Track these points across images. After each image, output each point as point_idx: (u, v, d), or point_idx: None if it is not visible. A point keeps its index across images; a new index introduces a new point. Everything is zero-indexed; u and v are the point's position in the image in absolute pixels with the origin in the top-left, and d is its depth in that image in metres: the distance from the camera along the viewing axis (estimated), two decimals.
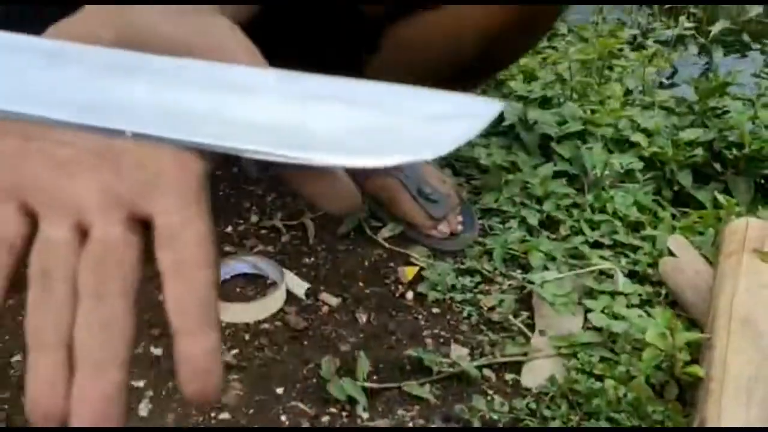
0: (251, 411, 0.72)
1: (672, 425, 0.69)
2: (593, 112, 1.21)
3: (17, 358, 0.77)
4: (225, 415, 0.71)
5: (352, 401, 0.72)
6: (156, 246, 0.26)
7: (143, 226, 0.26)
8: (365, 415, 0.72)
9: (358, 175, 0.86)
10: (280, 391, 0.74)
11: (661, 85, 1.57)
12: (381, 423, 0.71)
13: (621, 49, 1.52)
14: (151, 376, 0.75)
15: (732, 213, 0.96)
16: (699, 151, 1.11)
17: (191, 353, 0.25)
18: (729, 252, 0.83)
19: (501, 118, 1.18)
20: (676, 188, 1.11)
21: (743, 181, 1.09)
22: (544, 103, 1.24)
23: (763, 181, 1.10)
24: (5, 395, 0.73)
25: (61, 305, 0.25)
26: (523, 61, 1.35)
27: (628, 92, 1.36)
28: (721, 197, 1.01)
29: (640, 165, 1.11)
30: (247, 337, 0.81)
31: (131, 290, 0.26)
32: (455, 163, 1.15)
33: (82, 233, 0.26)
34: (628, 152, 1.15)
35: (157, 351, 0.78)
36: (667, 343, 0.73)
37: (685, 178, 1.11)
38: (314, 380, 0.76)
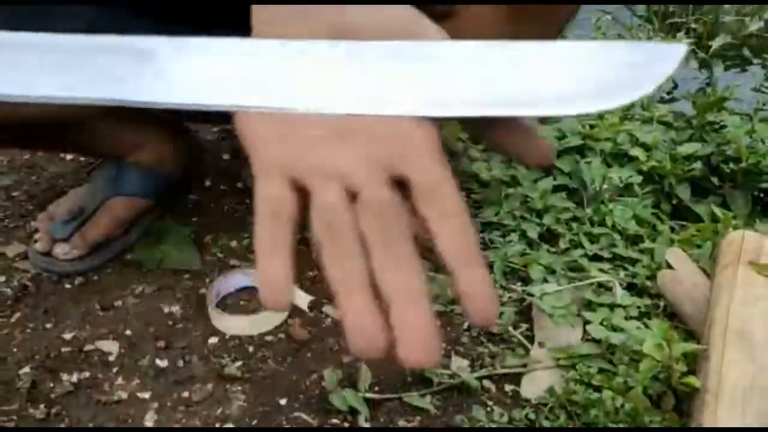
0: (255, 422, 0.73)
1: None
2: (592, 126, 1.23)
3: (25, 369, 0.78)
4: (229, 425, 0.72)
5: (354, 412, 0.73)
6: (419, 201, 0.31)
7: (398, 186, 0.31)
8: (367, 426, 0.73)
9: None
10: (283, 402, 0.76)
11: (661, 100, 1.59)
12: None
13: None
14: (157, 387, 0.77)
15: (729, 226, 0.97)
16: (697, 165, 1.13)
17: (471, 282, 0.29)
18: (725, 264, 0.84)
19: None
20: (674, 202, 1.12)
21: (741, 194, 1.10)
22: (544, 118, 1.26)
23: (760, 195, 1.11)
24: (14, 406, 0.74)
25: (355, 255, 0.30)
26: None
27: (627, 107, 1.38)
28: (718, 210, 1.02)
29: (638, 179, 1.12)
30: (251, 349, 0.82)
31: (409, 236, 0.30)
32: (455, 177, 1.17)
33: (351, 197, 0.31)
34: (627, 166, 1.16)
35: (162, 363, 0.80)
36: (664, 354, 0.74)
37: (684, 192, 1.12)
38: (317, 391, 0.77)
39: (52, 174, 1.14)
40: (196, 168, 1.10)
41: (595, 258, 0.98)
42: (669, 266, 0.94)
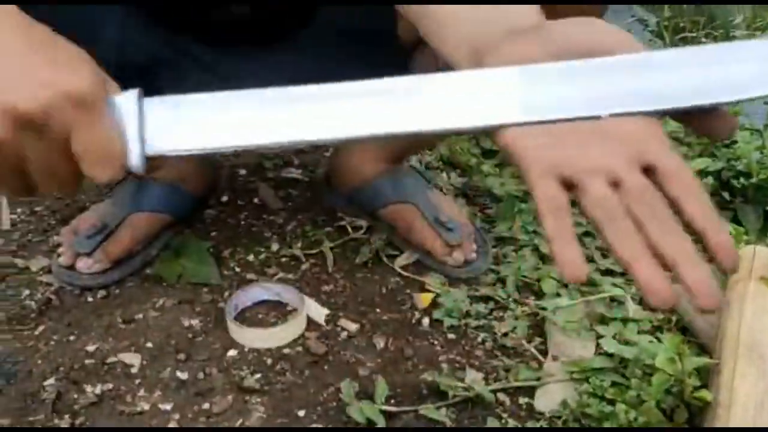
0: None
1: None
2: None
3: (50, 381, 0.80)
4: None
5: (370, 423, 0.75)
6: (666, 183, 0.39)
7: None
8: None
9: (376, 204, 0.90)
10: (301, 413, 0.77)
11: None
12: None
13: None
14: (178, 399, 0.79)
15: (741, 241, 0.98)
16: (708, 180, 1.14)
17: (719, 241, 0.38)
18: (737, 279, 0.85)
19: None
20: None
21: (752, 209, 1.11)
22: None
23: None
24: (39, 417, 0.76)
25: (633, 232, 0.38)
26: None
27: None
28: (729, 226, 1.03)
29: None
30: (269, 361, 0.84)
31: (670, 211, 0.39)
32: (469, 192, 1.19)
33: (614, 186, 0.39)
34: None
35: (182, 375, 0.82)
36: (677, 369, 0.75)
37: None
38: (334, 403, 0.78)
39: (61, 200, 1.17)
40: (214, 184, 1.13)
41: (607, 272, 0.99)
42: None
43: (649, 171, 0.40)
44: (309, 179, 1.20)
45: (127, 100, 0.44)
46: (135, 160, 0.43)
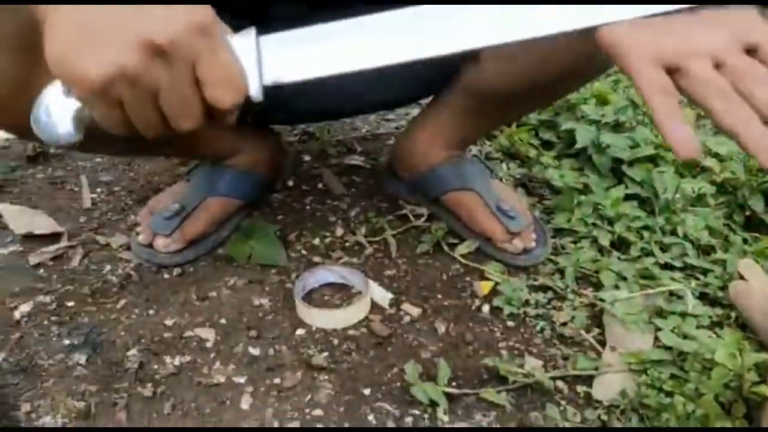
0: (341, 409, 0.79)
1: None
2: None
3: (133, 351, 0.86)
4: (318, 412, 0.78)
5: (433, 404, 0.78)
6: None
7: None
8: (445, 418, 0.78)
9: (439, 191, 0.93)
10: (366, 392, 0.81)
11: None
12: (460, 424, 0.77)
13: None
14: (250, 373, 0.83)
15: None
16: None
17: None
18: None
19: (573, 140, 1.23)
20: (747, 213, 1.13)
21: None
22: (617, 127, 1.28)
23: None
24: (124, 384, 0.81)
25: (740, 102, 0.44)
26: (595, 85, 1.39)
27: (700, 117, 1.38)
28: None
29: (711, 189, 1.14)
30: (336, 341, 0.88)
31: None
32: (528, 183, 1.20)
33: (716, 68, 0.44)
34: (700, 177, 1.17)
35: (254, 351, 0.86)
36: (736, 364, 0.76)
37: (757, 203, 1.13)
38: (398, 384, 0.82)
39: (147, 171, 1.23)
40: (281, 169, 1.17)
41: (667, 267, 1.00)
42: (741, 277, 0.96)
43: (752, 53, 0.45)
44: (371, 166, 1.24)
45: (243, 37, 0.51)
46: (254, 90, 0.51)
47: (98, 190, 1.18)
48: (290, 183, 1.19)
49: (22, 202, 1.14)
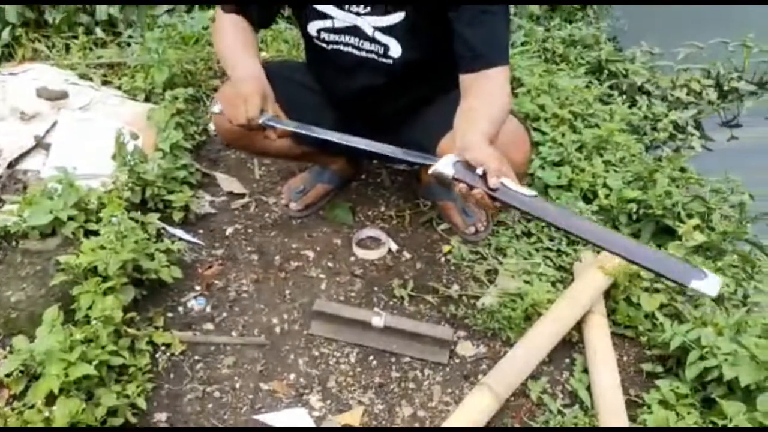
0: (362, 292, 1.80)
1: None
2: None
3: (277, 257, 1.89)
4: (353, 289, 1.80)
5: (402, 299, 1.77)
6: None
7: None
8: (407, 305, 1.77)
9: (435, 196, 2.07)
10: (376, 289, 1.81)
11: None
12: (411, 308, 1.76)
13: None
14: (327, 273, 1.85)
15: None
16: None
17: None
18: None
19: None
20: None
21: None
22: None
23: None
24: (259, 268, 1.85)
25: None
26: None
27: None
28: None
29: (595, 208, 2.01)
30: (367, 264, 1.88)
31: None
32: None
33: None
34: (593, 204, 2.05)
35: (330, 264, 1.88)
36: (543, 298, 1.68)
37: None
38: (391, 286, 1.81)
39: (286, 166, 2.24)
40: (358, 170, 2.16)
41: (547, 249, 1.92)
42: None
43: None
44: (409, 172, 2.20)
45: (263, 114, 1.46)
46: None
47: (262, 168, 2.22)
48: (363, 177, 2.17)
49: (226, 171, 2.20)
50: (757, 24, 3.55)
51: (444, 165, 1.26)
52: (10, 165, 2.05)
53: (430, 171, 1.28)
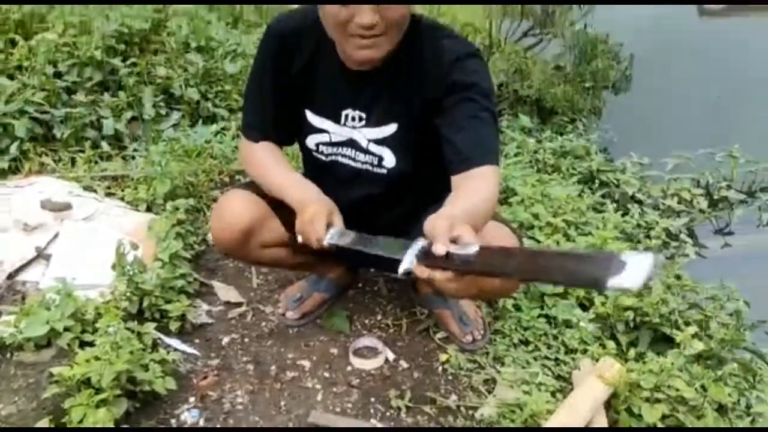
0: (359, 404, 1.77)
1: None
2: None
3: (273, 367, 1.87)
4: (349, 404, 1.77)
5: (399, 410, 1.74)
6: None
7: None
8: (405, 416, 1.73)
9: (432, 305, 2.06)
10: (372, 400, 1.78)
11: None
12: (409, 420, 1.73)
13: None
14: (324, 383, 1.82)
15: None
16: None
17: None
18: None
19: None
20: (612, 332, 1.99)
21: None
22: None
23: None
24: (255, 378, 1.83)
25: None
26: None
27: None
28: None
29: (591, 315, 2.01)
30: (363, 374, 1.86)
31: None
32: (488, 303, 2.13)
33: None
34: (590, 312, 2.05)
35: (326, 374, 1.86)
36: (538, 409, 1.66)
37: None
38: (388, 397, 1.78)
39: (284, 274, 2.26)
40: (355, 278, 2.17)
41: (545, 358, 1.90)
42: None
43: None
44: (404, 281, 2.21)
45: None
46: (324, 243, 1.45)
47: (260, 277, 2.24)
48: (360, 285, 2.19)
49: (224, 280, 2.21)
50: (742, 135, 3.69)
51: (405, 262, 1.13)
52: (10, 276, 2.06)
53: (399, 272, 1.14)
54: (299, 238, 1.50)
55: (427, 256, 1.11)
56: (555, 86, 4.24)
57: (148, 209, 2.48)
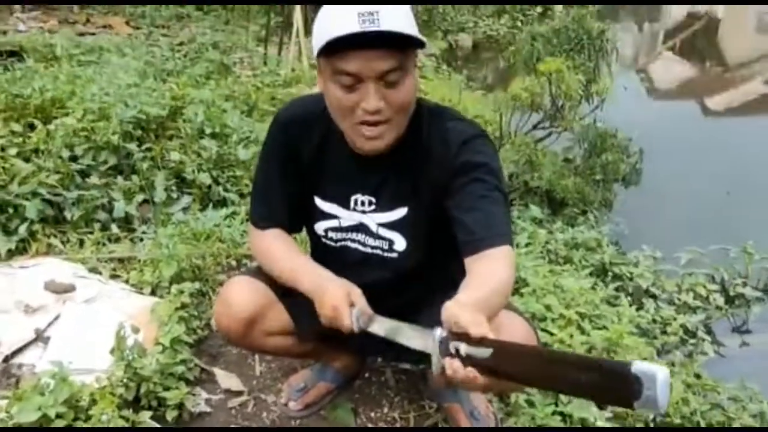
0: None
1: None
2: None
3: None
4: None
5: None
6: None
7: None
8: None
9: (442, 399, 1.98)
10: None
11: None
12: None
13: None
14: None
15: None
16: None
17: None
18: None
19: None
20: None
21: None
22: None
23: None
24: None
25: None
26: None
27: None
28: None
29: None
30: None
31: None
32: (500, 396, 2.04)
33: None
34: None
35: None
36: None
37: None
38: None
39: (288, 362, 2.19)
40: (362, 368, 2.10)
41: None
42: None
43: None
44: (414, 372, 2.13)
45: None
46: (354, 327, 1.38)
47: (263, 365, 2.16)
48: (366, 375, 2.11)
49: (225, 367, 2.14)
50: (756, 231, 3.66)
51: (435, 358, 1.12)
52: (6, 359, 2.00)
53: (434, 372, 1.14)
54: (322, 322, 1.45)
55: (447, 349, 1.10)
56: (565, 178, 4.27)
57: (153, 292, 2.43)
